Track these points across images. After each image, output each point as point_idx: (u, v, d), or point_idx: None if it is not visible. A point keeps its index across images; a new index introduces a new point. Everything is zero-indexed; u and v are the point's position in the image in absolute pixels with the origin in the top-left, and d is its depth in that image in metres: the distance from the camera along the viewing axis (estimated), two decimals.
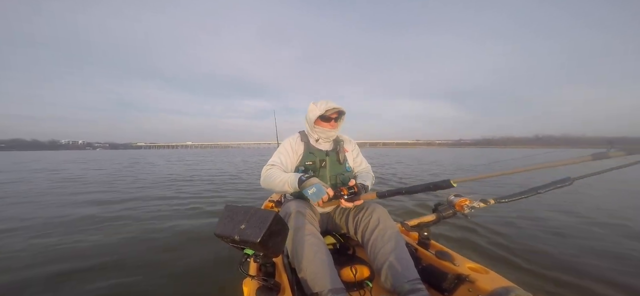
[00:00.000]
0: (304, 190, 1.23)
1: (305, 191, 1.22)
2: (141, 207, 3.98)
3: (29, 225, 3.05)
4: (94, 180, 7.37)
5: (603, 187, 5.76)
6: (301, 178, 1.26)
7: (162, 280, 1.88)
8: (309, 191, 1.20)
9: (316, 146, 1.54)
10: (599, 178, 1.23)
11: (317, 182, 1.23)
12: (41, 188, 5.87)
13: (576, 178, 1.32)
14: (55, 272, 1.95)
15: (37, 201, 4.48)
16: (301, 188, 1.24)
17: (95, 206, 4.04)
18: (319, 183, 1.23)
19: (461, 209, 1.33)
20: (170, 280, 1.90)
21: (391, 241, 1.17)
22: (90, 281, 1.84)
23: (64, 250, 2.35)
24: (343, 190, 1.28)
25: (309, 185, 1.22)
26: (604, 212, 4.00)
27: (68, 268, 2.02)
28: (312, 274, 1.05)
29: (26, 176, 8.66)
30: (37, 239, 2.59)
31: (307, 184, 1.22)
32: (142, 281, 1.86)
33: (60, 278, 1.88)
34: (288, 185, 1.29)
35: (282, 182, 1.32)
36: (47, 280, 1.86)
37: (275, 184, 1.34)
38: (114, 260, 2.16)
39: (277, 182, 1.34)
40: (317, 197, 1.19)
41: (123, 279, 1.88)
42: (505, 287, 0.99)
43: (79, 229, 2.91)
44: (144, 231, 2.82)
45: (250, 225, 0.80)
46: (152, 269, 2.03)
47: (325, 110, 1.47)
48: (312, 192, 1.20)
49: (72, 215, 3.53)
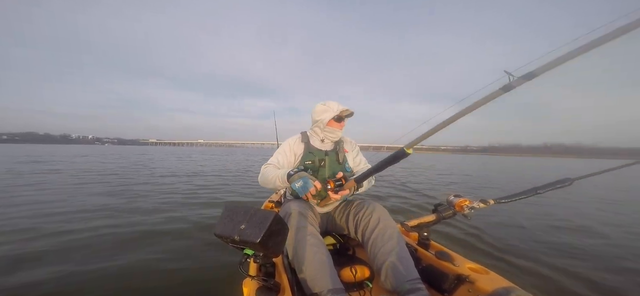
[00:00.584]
0: (292, 184, 1.24)
1: (293, 185, 1.23)
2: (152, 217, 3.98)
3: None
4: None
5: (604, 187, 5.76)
6: (289, 172, 1.28)
7: (162, 280, 1.88)
8: (296, 184, 1.22)
9: (317, 146, 1.54)
10: (600, 179, 1.23)
11: (304, 175, 1.24)
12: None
13: (576, 178, 1.33)
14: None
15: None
16: (289, 182, 1.26)
17: (107, 197, 4.05)
18: (306, 176, 1.23)
19: (461, 209, 1.34)
20: (170, 279, 1.89)
21: (391, 240, 1.18)
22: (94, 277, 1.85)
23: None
24: (330, 183, 1.31)
25: (297, 178, 1.23)
26: (605, 212, 4.00)
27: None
28: (312, 275, 1.05)
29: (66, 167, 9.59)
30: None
31: (294, 178, 1.24)
32: (142, 280, 1.86)
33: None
34: (279, 179, 1.32)
35: (274, 177, 1.35)
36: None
37: (269, 180, 1.38)
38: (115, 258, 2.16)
39: (270, 179, 1.37)
40: (305, 190, 1.20)
41: (124, 277, 1.88)
42: (505, 287, 0.99)
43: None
44: (151, 229, 2.83)
45: (250, 225, 0.80)
46: (152, 269, 2.03)
47: (341, 111, 1.49)
48: (299, 185, 1.21)
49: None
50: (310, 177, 1.24)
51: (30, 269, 1.94)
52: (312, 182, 1.21)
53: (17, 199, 4.17)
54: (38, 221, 3.02)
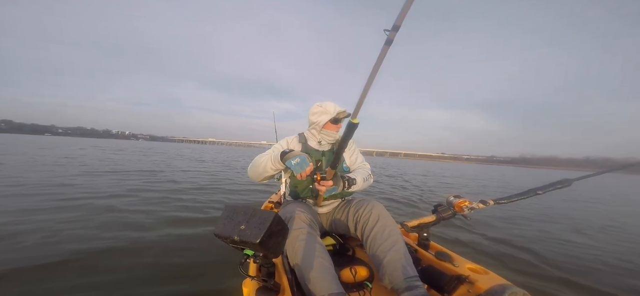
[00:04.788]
0: (287, 162, 1.23)
1: (288, 162, 1.22)
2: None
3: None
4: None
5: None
6: (284, 150, 1.26)
7: (161, 280, 1.88)
8: (293, 161, 1.20)
9: (315, 147, 1.54)
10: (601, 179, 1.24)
11: (301, 153, 1.23)
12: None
13: (575, 179, 1.33)
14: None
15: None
16: (284, 161, 1.24)
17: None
18: (303, 154, 1.22)
19: (460, 210, 1.34)
20: (169, 279, 1.89)
21: (390, 238, 1.18)
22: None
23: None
24: (317, 175, 1.27)
25: (293, 156, 1.22)
26: (606, 213, 4.01)
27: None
28: (312, 276, 1.04)
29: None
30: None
31: (290, 155, 1.22)
32: (141, 281, 1.86)
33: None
34: (271, 161, 1.29)
35: (265, 160, 1.32)
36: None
37: (258, 165, 1.35)
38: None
39: (259, 163, 1.34)
40: (301, 168, 1.19)
41: (123, 275, 1.88)
42: (501, 285, 0.99)
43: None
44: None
45: (250, 226, 0.80)
46: (151, 268, 2.02)
47: (338, 113, 1.48)
48: (295, 162, 1.20)
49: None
50: (307, 156, 1.24)
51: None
52: (308, 160, 1.21)
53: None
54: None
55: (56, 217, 2.91)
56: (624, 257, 2.56)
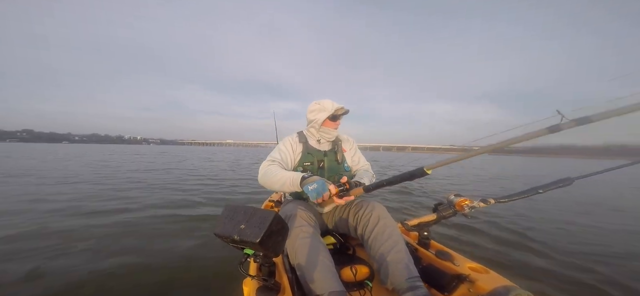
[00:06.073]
0: (305, 187, 1.18)
1: (306, 187, 1.17)
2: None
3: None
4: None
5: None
6: (304, 176, 1.21)
7: (161, 280, 1.88)
8: (310, 187, 1.15)
9: (315, 146, 1.53)
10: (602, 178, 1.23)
11: (319, 178, 1.19)
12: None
13: (576, 177, 1.32)
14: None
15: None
16: (302, 186, 1.19)
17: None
18: (322, 179, 1.18)
19: (461, 209, 1.33)
20: (169, 279, 1.90)
21: (391, 238, 1.17)
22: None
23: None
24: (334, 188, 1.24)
25: (311, 181, 1.17)
26: (607, 211, 3.99)
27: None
28: (313, 276, 1.04)
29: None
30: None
31: (309, 180, 1.18)
32: (141, 279, 1.87)
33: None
34: (289, 182, 1.23)
35: (282, 179, 1.26)
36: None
37: (275, 181, 1.28)
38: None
39: (276, 179, 1.28)
40: (319, 194, 1.14)
41: (122, 275, 1.89)
42: (505, 286, 0.99)
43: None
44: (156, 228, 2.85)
45: (250, 225, 0.80)
46: (151, 268, 2.03)
47: (336, 109, 1.45)
48: (312, 188, 1.15)
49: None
50: (326, 180, 1.19)
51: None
52: (327, 185, 1.16)
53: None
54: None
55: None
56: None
